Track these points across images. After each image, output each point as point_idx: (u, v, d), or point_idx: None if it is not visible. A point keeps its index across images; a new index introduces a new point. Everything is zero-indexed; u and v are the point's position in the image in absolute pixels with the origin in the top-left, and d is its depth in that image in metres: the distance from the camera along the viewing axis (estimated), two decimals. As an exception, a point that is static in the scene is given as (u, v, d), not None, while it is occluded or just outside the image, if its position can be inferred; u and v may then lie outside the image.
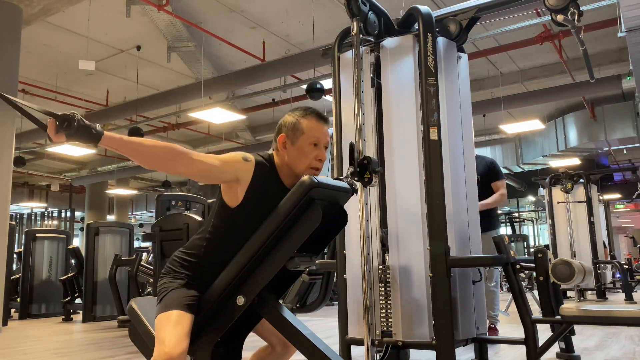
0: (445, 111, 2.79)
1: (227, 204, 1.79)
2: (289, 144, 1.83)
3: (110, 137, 1.58)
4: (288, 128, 1.84)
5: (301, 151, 1.81)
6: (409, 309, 2.60)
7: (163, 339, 1.61)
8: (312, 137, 1.82)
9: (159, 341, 1.63)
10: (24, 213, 20.37)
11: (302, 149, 1.81)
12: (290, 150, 1.82)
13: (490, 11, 2.91)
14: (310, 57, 7.64)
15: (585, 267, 2.91)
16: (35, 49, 8.62)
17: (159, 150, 1.63)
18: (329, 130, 1.91)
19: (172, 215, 5.28)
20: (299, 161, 1.81)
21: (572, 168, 9.32)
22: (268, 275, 1.71)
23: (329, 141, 1.89)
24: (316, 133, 1.83)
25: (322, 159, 1.84)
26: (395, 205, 2.73)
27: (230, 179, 1.74)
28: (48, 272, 8.35)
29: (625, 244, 23.24)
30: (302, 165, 1.81)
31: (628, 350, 3.83)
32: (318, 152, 1.83)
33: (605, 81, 9.02)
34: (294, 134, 1.82)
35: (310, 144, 1.82)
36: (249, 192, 1.75)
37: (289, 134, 1.83)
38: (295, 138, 1.82)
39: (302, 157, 1.81)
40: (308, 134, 1.82)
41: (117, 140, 1.59)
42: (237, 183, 1.75)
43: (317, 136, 1.83)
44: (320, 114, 1.87)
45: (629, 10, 5.04)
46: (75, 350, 4.53)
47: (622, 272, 7.69)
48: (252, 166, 1.76)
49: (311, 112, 1.86)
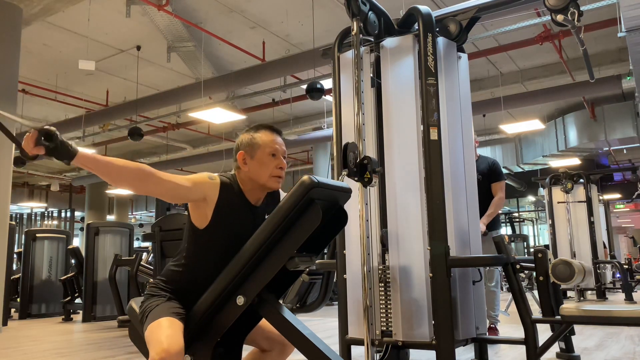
0: (445, 111, 2.79)
1: (196, 226, 1.84)
2: (248, 159, 1.90)
3: (84, 156, 1.60)
4: (245, 145, 1.92)
5: (261, 163, 1.89)
6: (409, 309, 2.60)
7: (159, 339, 1.61)
8: (269, 147, 1.90)
9: (155, 341, 1.61)
10: (24, 213, 20.37)
11: (262, 160, 1.89)
12: (250, 164, 1.89)
13: (490, 11, 2.91)
14: (310, 57, 7.64)
15: (585, 267, 2.92)
16: (35, 49, 8.62)
17: (127, 171, 1.66)
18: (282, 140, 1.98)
19: (172, 215, 5.28)
20: (261, 172, 1.89)
21: (572, 168, 9.32)
22: (268, 275, 1.72)
23: (285, 151, 1.97)
24: (272, 144, 1.92)
25: (282, 167, 1.92)
26: (395, 205, 2.73)
27: (198, 198, 1.80)
28: (48, 272, 8.35)
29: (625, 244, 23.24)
30: (264, 176, 1.89)
31: (628, 350, 3.83)
32: (278, 162, 1.91)
33: (605, 81, 9.02)
34: (251, 148, 1.91)
35: (268, 154, 1.90)
36: (217, 211, 1.80)
37: (246, 149, 1.91)
38: (253, 152, 1.90)
39: (263, 168, 1.89)
40: (264, 146, 1.90)
41: (90, 158, 1.61)
42: (204, 203, 1.80)
43: (273, 146, 1.91)
44: (273, 127, 1.97)
45: (629, 10, 5.04)
46: (75, 350, 4.53)
47: (622, 272, 7.69)
48: (217, 185, 1.82)
49: (263, 127, 1.97)
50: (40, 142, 1.51)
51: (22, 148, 1.53)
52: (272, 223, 1.71)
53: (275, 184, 1.91)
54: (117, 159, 1.66)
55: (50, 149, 1.53)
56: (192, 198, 1.80)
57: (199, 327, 1.78)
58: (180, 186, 1.74)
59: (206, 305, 1.77)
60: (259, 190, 1.92)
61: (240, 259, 1.74)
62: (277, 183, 1.92)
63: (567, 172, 8.01)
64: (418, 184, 2.68)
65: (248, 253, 1.72)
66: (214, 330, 1.78)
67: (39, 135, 1.52)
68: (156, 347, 1.59)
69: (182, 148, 14.08)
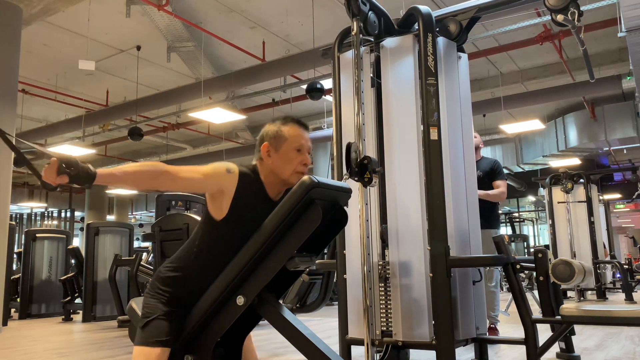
0: (445, 111, 2.79)
1: (213, 217, 1.81)
2: (272, 151, 1.86)
3: (102, 175, 1.60)
4: (270, 137, 1.88)
5: (285, 157, 1.85)
6: (409, 308, 2.60)
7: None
8: (295, 142, 1.86)
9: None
10: (24, 213, 20.36)
11: (287, 155, 1.85)
12: (274, 157, 1.86)
13: (490, 11, 2.91)
14: (310, 57, 7.64)
15: (585, 267, 2.92)
16: (35, 49, 8.62)
17: (142, 174, 1.67)
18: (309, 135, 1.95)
19: (172, 215, 5.28)
20: (284, 167, 1.85)
21: (572, 168, 9.32)
22: (268, 275, 1.72)
23: (311, 147, 1.93)
24: (299, 139, 1.87)
25: (306, 163, 1.89)
26: (395, 206, 2.73)
27: (214, 191, 1.78)
28: (48, 272, 8.35)
29: (625, 244, 23.23)
30: (287, 171, 1.85)
31: (628, 350, 3.83)
32: (302, 157, 1.87)
33: (605, 81, 9.02)
34: (276, 141, 1.87)
35: (293, 149, 1.86)
36: (234, 203, 1.77)
37: (271, 142, 1.87)
38: (278, 145, 1.86)
39: (287, 163, 1.85)
40: (291, 140, 1.86)
41: (107, 175, 1.62)
42: (221, 195, 1.78)
43: (300, 142, 1.87)
44: (301, 121, 1.92)
45: (629, 10, 5.05)
46: (75, 350, 4.53)
47: (622, 272, 7.69)
48: (236, 178, 1.79)
49: (292, 120, 1.91)
50: (63, 171, 1.51)
51: (44, 180, 1.52)
52: (272, 223, 1.71)
53: (297, 181, 1.84)
54: (130, 165, 1.66)
55: (73, 176, 1.52)
56: (208, 190, 1.78)
57: (199, 327, 1.78)
58: (194, 181, 1.73)
59: (206, 305, 1.77)
60: (280, 185, 1.88)
61: (241, 259, 1.74)
62: (299, 180, 1.87)
63: (567, 172, 8.01)
64: (418, 184, 2.68)
65: (248, 253, 1.72)
66: (214, 330, 1.78)
67: (60, 164, 1.51)
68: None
69: (182, 148, 14.08)
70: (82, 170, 1.54)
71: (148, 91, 10.23)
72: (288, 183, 1.87)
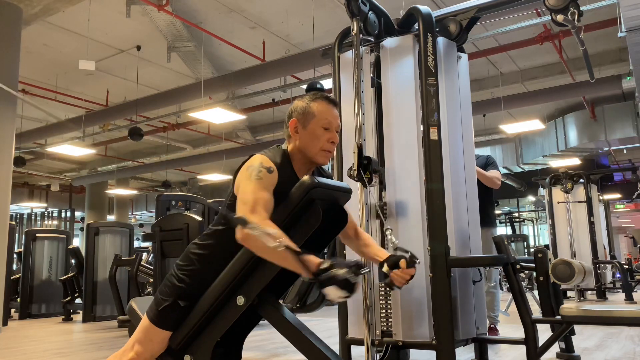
0: (445, 111, 2.79)
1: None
2: (300, 127, 1.82)
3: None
4: (299, 112, 1.84)
5: (313, 134, 1.81)
6: (409, 309, 2.60)
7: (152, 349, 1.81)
8: (324, 119, 1.82)
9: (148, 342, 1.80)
10: (24, 213, 20.36)
11: (314, 132, 1.81)
12: (302, 134, 1.82)
13: (490, 11, 2.91)
14: (310, 57, 7.64)
15: (585, 267, 2.92)
16: (35, 49, 8.62)
17: (263, 248, 1.59)
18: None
19: (172, 215, 5.28)
20: (312, 144, 1.81)
21: (572, 168, 9.31)
22: (268, 275, 1.71)
23: (339, 124, 1.89)
24: (327, 115, 1.83)
25: (334, 141, 1.84)
26: (395, 205, 2.73)
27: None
28: (48, 272, 8.35)
29: (625, 244, 23.23)
30: (315, 148, 1.81)
31: (628, 350, 3.83)
32: (330, 135, 1.82)
33: (605, 81, 9.01)
34: (305, 117, 1.82)
35: (321, 126, 1.81)
36: (274, 195, 1.74)
37: (299, 118, 1.83)
38: (306, 122, 1.82)
39: (315, 140, 1.81)
40: (319, 117, 1.82)
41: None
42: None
43: (329, 119, 1.83)
44: (330, 97, 1.87)
45: (629, 10, 5.04)
46: (75, 350, 4.53)
47: (622, 272, 7.68)
48: (276, 175, 1.74)
49: (321, 96, 1.86)
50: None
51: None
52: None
53: (324, 159, 1.83)
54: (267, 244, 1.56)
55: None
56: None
57: (199, 327, 1.78)
58: (270, 199, 1.69)
59: (206, 305, 1.77)
60: (308, 164, 1.84)
61: (241, 259, 1.74)
62: (326, 158, 1.83)
63: (567, 172, 8.01)
64: (418, 184, 2.68)
65: (248, 253, 1.72)
66: (214, 331, 1.78)
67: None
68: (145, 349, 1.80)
69: (182, 148, 14.08)
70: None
71: (148, 91, 10.23)
72: (315, 161, 1.83)
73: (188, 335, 1.79)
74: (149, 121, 11.42)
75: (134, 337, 1.84)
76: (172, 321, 1.80)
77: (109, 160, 14.99)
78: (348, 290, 1.46)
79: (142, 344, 1.81)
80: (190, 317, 1.79)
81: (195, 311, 1.79)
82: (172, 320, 1.80)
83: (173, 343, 1.81)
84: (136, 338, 1.83)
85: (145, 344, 1.81)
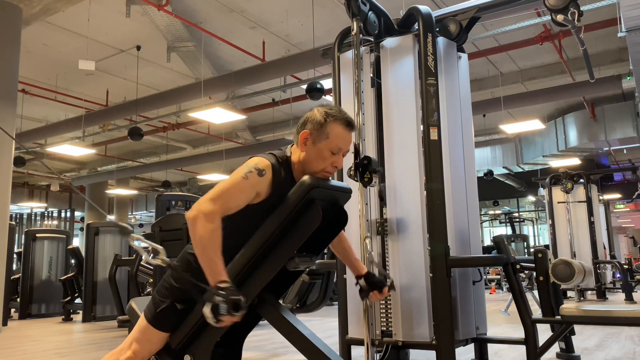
0: (445, 111, 2.79)
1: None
2: (310, 142, 1.78)
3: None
4: (314, 126, 1.78)
5: (320, 154, 1.78)
6: (409, 309, 2.60)
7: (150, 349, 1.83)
8: (335, 144, 1.78)
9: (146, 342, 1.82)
10: (24, 213, 20.37)
11: (322, 152, 1.77)
12: (309, 149, 1.78)
13: (490, 11, 2.91)
14: (310, 57, 7.63)
15: (585, 267, 2.92)
16: (35, 49, 8.61)
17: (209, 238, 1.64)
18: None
19: (172, 215, 5.28)
20: (315, 163, 1.78)
21: (572, 168, 9.32)
22: (268, 275, 1.71)
23: (349, 149, 1.86)
24: (339, 141, 1.79)
25: (337, 166, 1.81)
26: (395, 205, 2.73)
27: (253, 197, 1.73)
28: (48, 272, 8.35)
29: (625, 244, 23.23)
30: (317, 167, 1.78)
31: (628, 350, 3.83)
32: (335, 159, 1.80)
33: (605, 81, 9.01)
34: (318, 134, 1.78)
35: (330, 149, 1.78)
36: (269, 198, 1.74)
37: (313, 132, 1.78)
38: (318, 139, 1.78)
39: (319, 160, 1.78)
40: (331, 140, 1.77)
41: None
42: (257, 197, 1.74)
43: (340, 145, 1.79)
44: (349, 121, 1.81)
45: (629, 10, 5.04)
46: (75, 350, 4.53)
47: (622, 272, 7.69)
48: (269, 179, 1.73)
49: (341, 118, 1.80)
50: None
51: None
52: (273, 223, 1.71)
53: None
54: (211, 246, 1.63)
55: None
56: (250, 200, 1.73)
57: (199, 327, 1.78)
58: (239, 202, 1.69)
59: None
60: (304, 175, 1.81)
61: (241, 259, 1.74)
62: (325, 180, 1.81)
63: (567, 172, 8.02)
64: (418, 184, 2.68)
65: (248, 253, 1.72)
66: (214, 330, 1.78)
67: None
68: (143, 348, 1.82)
69: (182, 148, 14.08)
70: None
71: (148, 91, 10.23)
72: None
73: (188, 335, 1.79)
74: (148, 121, 11.42)
75: (132, 336, 1.84)
76: (170, 323, 1.80)
77: (109, 160, 14.99)
78: (215, 317, 1.52)
79: (140, 343, 1.82)
80: (190, 317, 1.79)
81: (195, 311, 1.79)
82: (170, 323, 1.80)
83: (173, 343, 1.81)
84: (134, 337, 1.84)
85: (143, 344, 1.82)
